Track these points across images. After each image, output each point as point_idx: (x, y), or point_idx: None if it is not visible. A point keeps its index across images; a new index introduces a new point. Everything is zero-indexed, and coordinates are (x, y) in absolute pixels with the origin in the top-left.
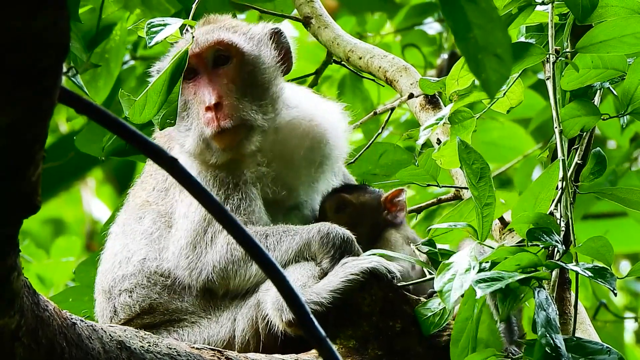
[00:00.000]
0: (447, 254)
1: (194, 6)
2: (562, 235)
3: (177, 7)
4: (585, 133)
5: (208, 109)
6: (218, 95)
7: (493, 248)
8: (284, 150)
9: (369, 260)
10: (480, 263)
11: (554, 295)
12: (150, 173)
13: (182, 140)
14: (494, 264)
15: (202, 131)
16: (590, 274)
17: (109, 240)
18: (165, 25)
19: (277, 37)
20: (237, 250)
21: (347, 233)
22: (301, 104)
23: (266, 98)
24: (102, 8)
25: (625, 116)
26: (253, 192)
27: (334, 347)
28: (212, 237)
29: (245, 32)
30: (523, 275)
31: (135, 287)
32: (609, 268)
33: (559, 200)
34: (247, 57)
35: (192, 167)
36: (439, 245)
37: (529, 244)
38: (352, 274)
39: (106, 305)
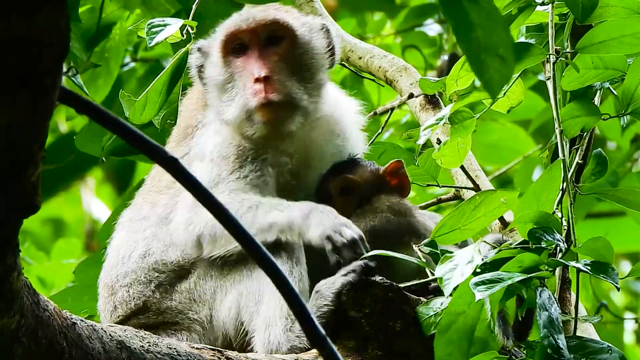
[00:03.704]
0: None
1: (194, 6)
2: (564, 235)
3: (177, 8)
4: (585, 133)
5: (257, 80)
6: (269, 70)
7: (498, 246)
8: (306, 145)
9: (340, 281)
10: (483, 259)
11: (556, 295)
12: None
13: (222, 109)
14: (495, 264)
15: (247, 102)
16: (590, 270)
17: (115, 232)
18: (165, 25)
19: (326, 31)
20: (232, 212)
21: (331, 208)
22: (329, 100)
23: (313, 82)
24: (102, 8)
25: (626, 116)
26: (268, 171)
27: (335, 348)
28: None
29: (299, 17)
30: (523, 276)
31: (134, 282)
32: (610, 264)
33: (560, 201)
34: (299, 40)
35: (222, 134)
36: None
37: (533, 244)
38: (323, 306)
39: (108, 300)
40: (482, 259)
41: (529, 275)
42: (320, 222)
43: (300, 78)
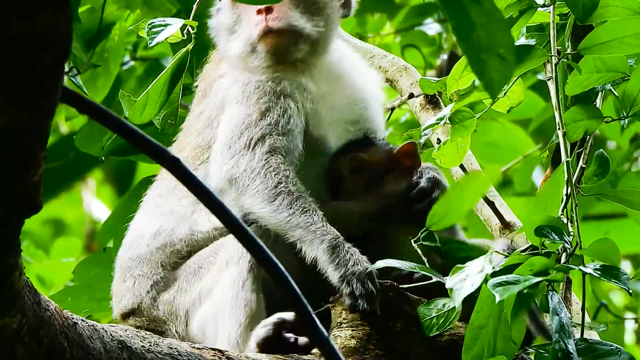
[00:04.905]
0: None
1: (194, 6)
2: (571, 237)
3: (178, 7)
4: (588, 137)
5: (259, 12)
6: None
7: (508, 252)
8: (326, 90)
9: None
10: (494, 267)
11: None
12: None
13: (228, 46)
14: (507, 269)
15: (250, 33)
16: (600, 274)
17: (140, 209)
18: (166, 25)
19: None
20: (272, 176)
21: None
22: (356, 62)
23: (319, 14)
24: (104, 8)
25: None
26: (291, 108)
27: (336, 347)
28: (248, 142)
29: None
30: (539, 279)
31: (139, 276)
32: (617, 266)
33: (565, 204)
34: None
35: (238, 79)
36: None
37: (541, 247)
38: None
39: (119, 286)
40: (493, 268)
41: (544, 278)
42: (345, 262)
43: (305, 10)
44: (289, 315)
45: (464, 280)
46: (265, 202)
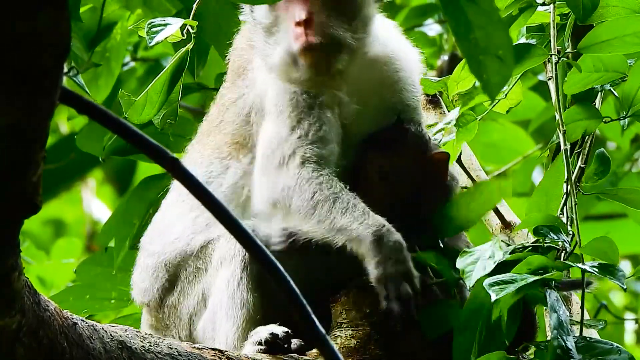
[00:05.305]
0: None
1: (194, 6)
2: (570, 236)
3: (178, 7)
4: (587, 137)
5: (298, 24)
6: (309, 12)
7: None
8: (363, 86)
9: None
10: (504, 254)
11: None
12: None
13: (267, 52)
14: (503, 266)
15: (290, 46)
16: (597, 271)
17: (171, 189)
18: (166, 25)
19: None
20: (307, 188)
21: (400, 240)
22: (389, 41)
23: (357, 18)
24: (103, 7)
25: (626, 119)
26: (326, 116)
27: (336, 347)
28: (281, 160)
29: None
30: (536, 277)
31: (148, 271)
32: (616, 264)
33: (565, 203)
34: None
35: (274, 82)
36: None
37: (542, 243)
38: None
39: (136, 268)
40: (504, 254)
41: (541, 277)
42: (386, 258)
43: (343, 16)
44: (279, 330)
45: (474, 263)
46: (307, 217)
